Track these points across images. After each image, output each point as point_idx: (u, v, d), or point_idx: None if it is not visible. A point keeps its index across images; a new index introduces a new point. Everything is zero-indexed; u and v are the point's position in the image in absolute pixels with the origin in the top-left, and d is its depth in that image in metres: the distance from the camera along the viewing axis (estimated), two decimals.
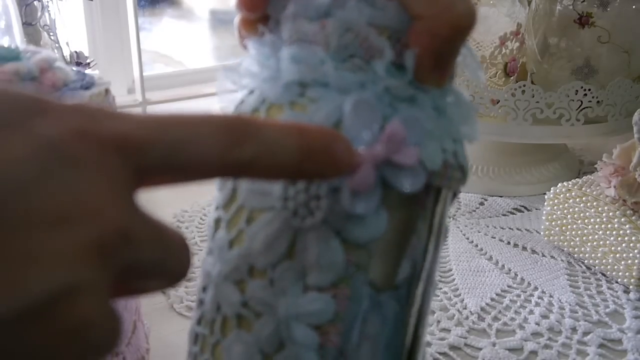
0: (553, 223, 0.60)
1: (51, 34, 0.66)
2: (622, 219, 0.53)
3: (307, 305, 0.23)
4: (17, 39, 0.60)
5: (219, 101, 0.27)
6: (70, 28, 0.76)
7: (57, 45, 0.67)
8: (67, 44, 0.70)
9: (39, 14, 0.64)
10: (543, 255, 0.60)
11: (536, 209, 0.68)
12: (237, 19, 0.27)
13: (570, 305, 0.52)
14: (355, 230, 0.23)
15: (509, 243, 0.62)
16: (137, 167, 0.18)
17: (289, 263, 0.24)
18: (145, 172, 0.18)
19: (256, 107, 0.25)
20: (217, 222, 0.26)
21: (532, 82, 0.67)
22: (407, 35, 0.24)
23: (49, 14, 0.66)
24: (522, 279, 0.56)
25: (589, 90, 0.66)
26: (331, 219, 0.23)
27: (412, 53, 0.23)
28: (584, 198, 0.56)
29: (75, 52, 0.71)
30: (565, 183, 0.59)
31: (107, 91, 0.36)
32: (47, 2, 0.66)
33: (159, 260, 0.19)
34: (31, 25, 0.63)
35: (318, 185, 0.23)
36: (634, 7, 0.67)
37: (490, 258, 0.59)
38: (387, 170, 0.23)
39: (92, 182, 0.17)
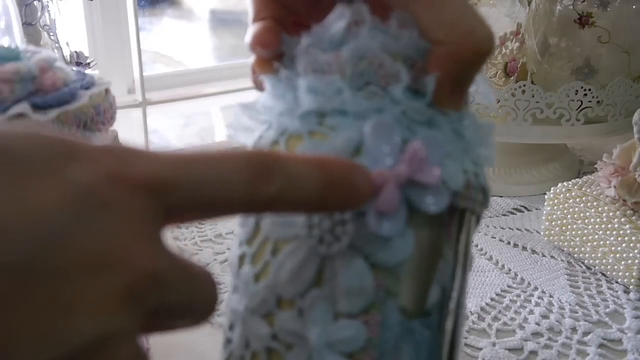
0: (553, 223, 0.60)
1: (51, 34, 0.66)
2: (622, 219, 0.53)
3: (339, 333, 0.23)
4: (17, 39, 0.60)
5: (236, 138, 0.27)
6: (70, 28, 0.76)
7: (57, 45, 0.67)
8: (67, 44, 0.70)
9: (39, 14, 0.64)
10: (543, 255, 0.60)
11: (536, 209, 0.68)
12: (251, 59, 0.27)
13: (570, 305, 0.52)
14: (383, 253, 0.23)
15: (509, 243, 0.62)
16: (166, 207, 0.18)
17: (318, 291, 0.23)
18: (173, 211, 0.19)
19: (275, 140, 0.25)
20: (241, 258, 0.26)
21: (532, 82, 0.67)
22: (423, 60, 0.24)
23: (49, 14, 0.66)
24: (522, 279, 0.56)
25: (589, 90, 0.66)
26: (358, 243, 0.23)
27: (433, 77, 0.24)
28: (584, 198, 0.56)
29: (75, 52, 0.71)
30: (565, 183, 0.59)
31: (107, 91, 0.36)
32: (47, 2, 0.66)
33: (188, 300, 0.19)
34: (31, 25, 0.63)
35: None
36: (634, 7, 0.67)
37: (490, 258, 0.59)
38: (411, 190, 0.23)
39: (123, 227, 0.17)
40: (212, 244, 0.61)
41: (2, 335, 0.14)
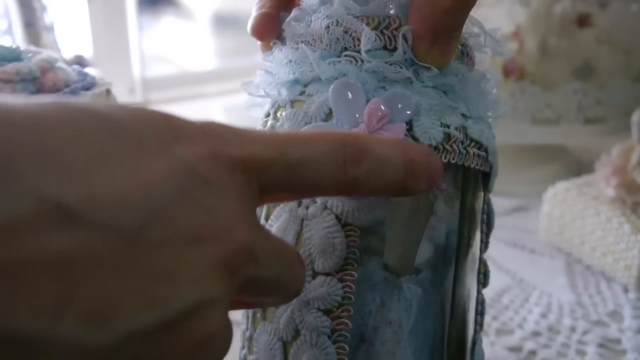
0: (552, 223, 0.60)
1: (52, 34, 0.66)
2: (621, 219, 0.53)
3: (316, 290, 0.24)
4: (18, 39, 0.60)
5: (251, 114, 0.29)
6: (72, 28, 0.76)
7: (57, 45, 0.67)
8: (68, 44, 0.71)
9: (40, 14, 0.65)
10: (542, 255, 0.60)
11: (535, 209, 0.68)
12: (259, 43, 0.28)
13: (569, 304, 0.52)
14: (354, 213, 0.24)
15: (508, 243, 0.62)
16: (261, 185, 0.19)
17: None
18: (268, 189, 0.20)
19: (268, 112, 0.27)
20: None
21: (531, 83, 0.67)
22: (404, 18, 0.24)
23: (50, 15, 0.66)
24: (521, 279, 0.56)
25: (588, 90, 0.66)
26: (331, 204, 0.24)
27: (408, 29, 0.24)
28: (583, 198, 0.57)
29: (76, 52, 0.71)
30: (564, 183, 0.59)
31: (108, 92, 0.36)
32: (48, 2, 0.66)
33: (277, 277, 0.20)
34: (32, 25, 0.63)
35: None
36: (633, 7, 0.68)
37: (489, 258, 0.59)
38: None
39: (222, 202, 0.18)
40: None
41: (112, 296, 0.15)
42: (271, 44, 0.27)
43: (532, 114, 0.66)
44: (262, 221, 0.26)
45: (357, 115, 0.23)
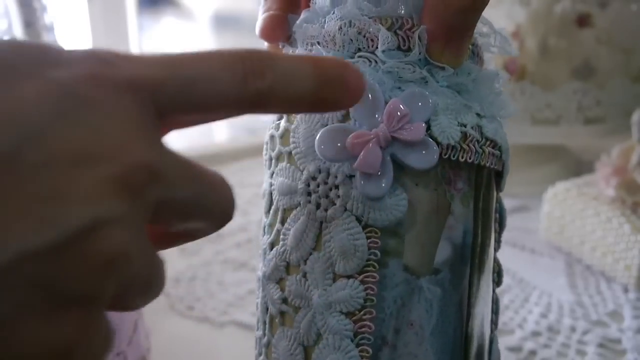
0: (552, 223, 0.60)
1: (52, 34, 0.66)
2: (621, 219, 0.53)
3: (337, 293, 0.24)
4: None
5: (259, 116, 0.28)
6: (71, 28, 0.76)
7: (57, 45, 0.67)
8: (68, 44, 0.71)
9: (40, 14, 0.65)
10: (542, 255, 0.60)
11: (535, 209, 0.68)
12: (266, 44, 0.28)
13: (569, 304, 0.52)
14: (375, 214, 0.23)
15: (508, 243, 0.62)
16: (155, 106, 0.18)
17: (317, 254, 0.24)
18: (165, 111, 0.19)
19: (280, 115, 0.27)
20: (263, 228, 0.27)
21: (531, 83, 0.67)
22: (417, 18, 0.24)
23: (50, 15, 0.66)
24: (521, 279, 0.56)
25: (588, 90, 0.66)
26: (351, 206, 0.23)
27: (423, 29, 0.24)
28: (583, 198, 0.57)
29: None
30: (564, 183, 0.59)
31: None
32: (48, 2, 0.66)
33: (195, 197, 0.19)
34: (32, 25, 0.63)
35: (335, 175, 0.24)
36: (633, 7, 0.68)
37: None
38: (397, 148, 0.23)
39: (110, 120, 0.17)
40: (212, 243, 0.61)
41: None
42: (280, 46, 0.27)
43: (532, 114, 0.66)
44: (278, 225, 0.26)
45: (376, 116, 0.23)
